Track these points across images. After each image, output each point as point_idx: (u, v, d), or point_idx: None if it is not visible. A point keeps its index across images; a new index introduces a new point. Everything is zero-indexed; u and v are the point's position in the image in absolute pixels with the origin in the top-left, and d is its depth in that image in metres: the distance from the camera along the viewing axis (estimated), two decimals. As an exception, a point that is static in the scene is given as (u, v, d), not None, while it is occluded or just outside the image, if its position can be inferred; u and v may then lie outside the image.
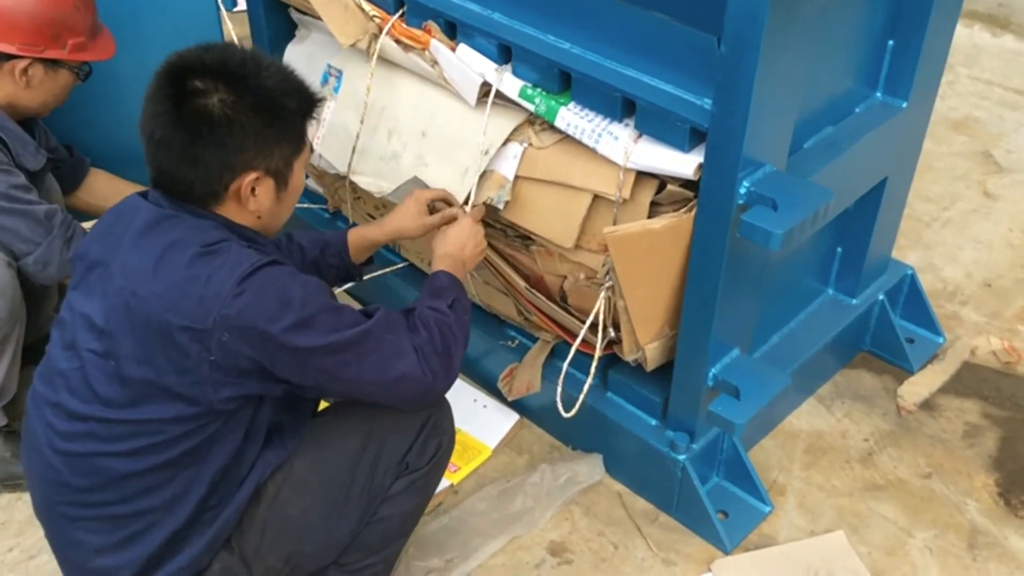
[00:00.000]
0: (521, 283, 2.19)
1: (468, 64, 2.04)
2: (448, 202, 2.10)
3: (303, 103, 1.67)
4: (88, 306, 1.63)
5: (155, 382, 1.57)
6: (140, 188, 2.43)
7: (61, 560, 1.75)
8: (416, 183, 2.16)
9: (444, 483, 2.26)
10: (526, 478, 2.26)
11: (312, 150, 2.04)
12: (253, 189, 1.63)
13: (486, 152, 2.05)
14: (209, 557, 1.69)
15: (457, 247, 1.97)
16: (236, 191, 1.63)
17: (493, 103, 2.04)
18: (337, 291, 2.49)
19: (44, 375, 1.70)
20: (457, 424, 2.39)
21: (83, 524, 1.67)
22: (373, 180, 2.29)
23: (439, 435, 1.84)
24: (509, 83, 2.00)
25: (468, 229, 2.00)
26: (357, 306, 2.44)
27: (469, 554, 2.12)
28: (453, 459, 2.30)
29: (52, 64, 2.25)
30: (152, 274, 1.57)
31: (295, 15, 2.49)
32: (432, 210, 2.09)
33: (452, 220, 2.04)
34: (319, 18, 2.24)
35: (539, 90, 1.97)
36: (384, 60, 2.22)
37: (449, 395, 2.45)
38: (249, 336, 1.54)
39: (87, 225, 2.62)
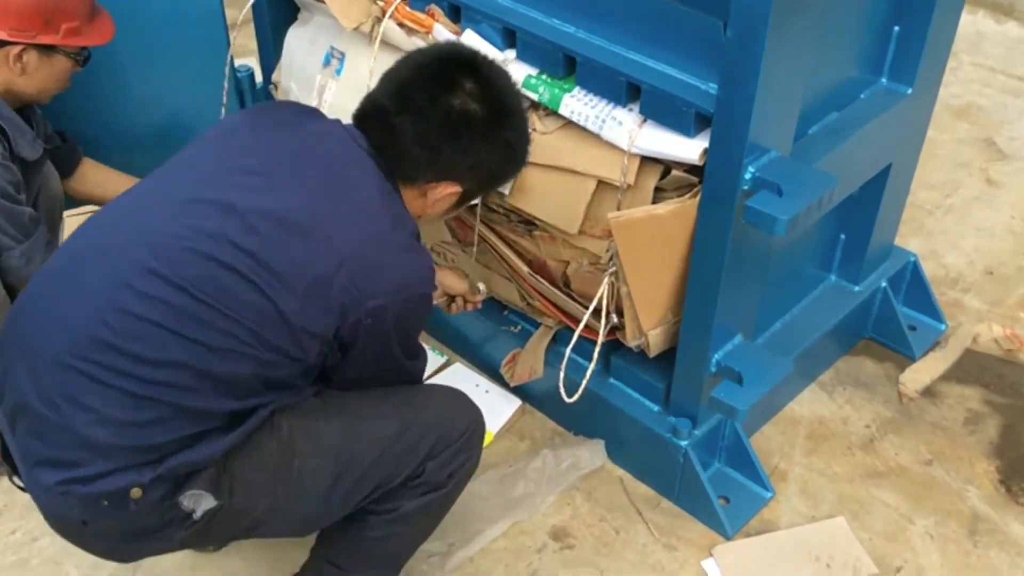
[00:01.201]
0: (524, 268, 2.19)
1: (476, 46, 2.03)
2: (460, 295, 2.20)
3: (520, 165, 1.85)
4: (268, 201, 1.57)
5: (276, 305, 1.53)
6: (131, 179, 2.43)
7: (36, 420, 1.55)
8: None
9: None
10: (528, 463, 2.26)
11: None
12: (439, 199, 1.74)
13: None
14: (204, 465, 1.58)
15: None
16: (431, 190, 1.72)
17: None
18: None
19: (154, 231, 1.57)
20: (459, 409, 2.41)
21: (103, 390, 1.51)
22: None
23: (469, 451, 1.81)
24: (514, 73, 1.99)
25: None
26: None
27: (470, 538, 2.12)
28: (456, 443, 2.32)
29: (47, 50, 2.22)
30: (363, 232, 1.59)
31: (297, -2, 2.48)
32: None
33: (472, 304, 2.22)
34: (322, 0, 2.23)
35: (543, 79, 1.96)
36: (387, 43, 2.21)
37: (451, 380, 2.47)
38: (381, 334, 1.62)
39: (83, 213, 2.63)
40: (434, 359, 2.56)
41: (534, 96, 1.97)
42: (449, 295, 2.19)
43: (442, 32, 2.07)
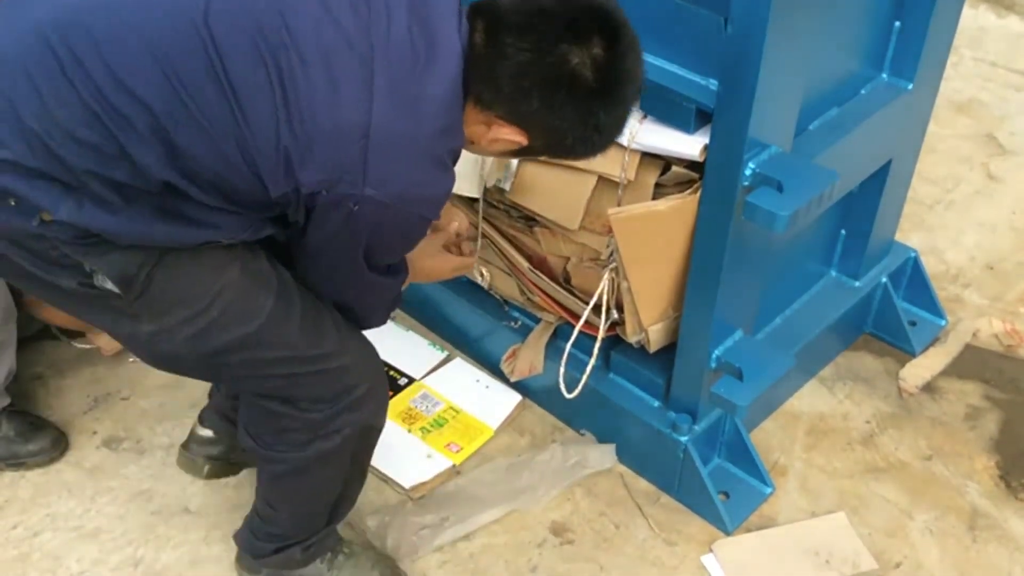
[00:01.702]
0: (524, 263, 2.19)
1: None
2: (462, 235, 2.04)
3: (594, 150, 1.63)
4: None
5: (278, 121, 1.39)
6: None
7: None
8: None
9: (446, 463, 2.27)
10: (536, 455, 2.27)
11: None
12: (496, 139, 1.55)
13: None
14: (121, 242, 1.48)
15: (424, 271, 1.91)
16: (498, 126, 1.53)
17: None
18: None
19: None
20: (459, 404, 2.42)
21: (64, 86, 1.37)
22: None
23: (358, 410, 1.73)
24: None
25: (451, 265, 1.98)
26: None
27: (465, 517, 2.14)
28: (456, 439, 2.32)
29: None
30: (406, 120, 1.43)
31: None
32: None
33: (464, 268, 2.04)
34: None
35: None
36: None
37: (451, 374, 2.48)
38: (356, 230, 1.47)
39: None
40: (434, 354, 2.56)
41: None
42: (445, 231, 2.01)
43: None
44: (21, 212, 1.43)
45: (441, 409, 2.41)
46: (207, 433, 2.15)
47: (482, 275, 2.28)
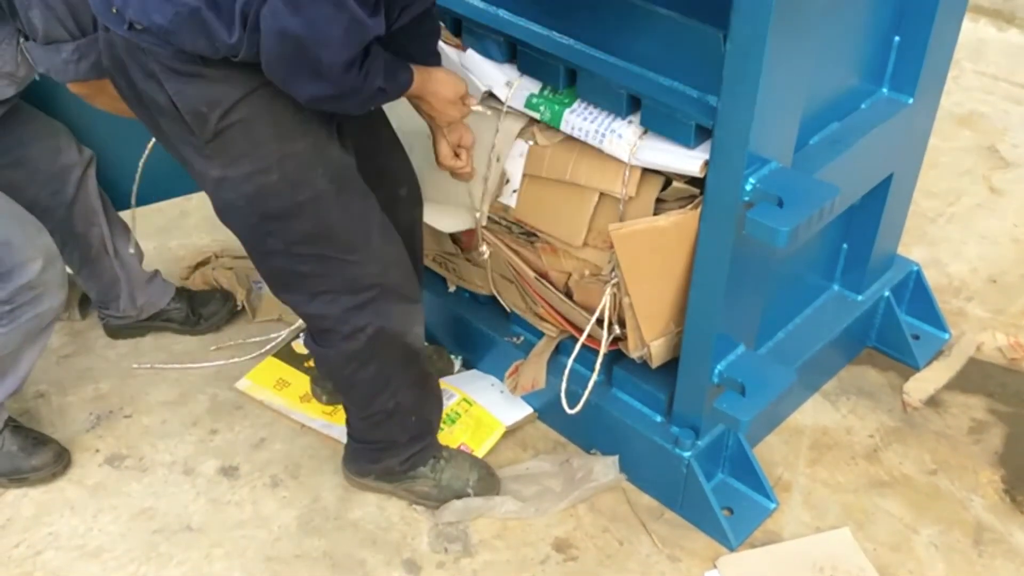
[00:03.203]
0: (530, 273, 2.19)
1: (475, 73, 2.04)
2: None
3: None
4: None
5: None
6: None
7: None
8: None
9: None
10: (541, 466, 2.31)
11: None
12: None
13: (498, 159, 2.06)
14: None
15: (442, 82, 1.88)
16: None
17: (496, 106, 2.04)
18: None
19: None
20: (473, 398, 2.42)
21: None
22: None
23: (383, 316, 1.92)
24: (517, 96, 2.01)
25: (460, 86, 1.91)
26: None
27: (468, 503, 2.19)
28: (467, 438, 2.33)
29: None
30: None
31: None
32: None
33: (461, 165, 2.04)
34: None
35: (544, 95, 1.97)
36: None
37: (468, 380, 2.50)
38: None
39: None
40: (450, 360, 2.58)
41: (536, 115, 1.98)
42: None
43: (443, 46, 2.07)
44: (118, 20, 1.63)
45: (455, 402, 2.42)
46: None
47: (482, 252, 2.25)
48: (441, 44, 2.07)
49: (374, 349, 1.96)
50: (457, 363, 2.56)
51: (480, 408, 2.41)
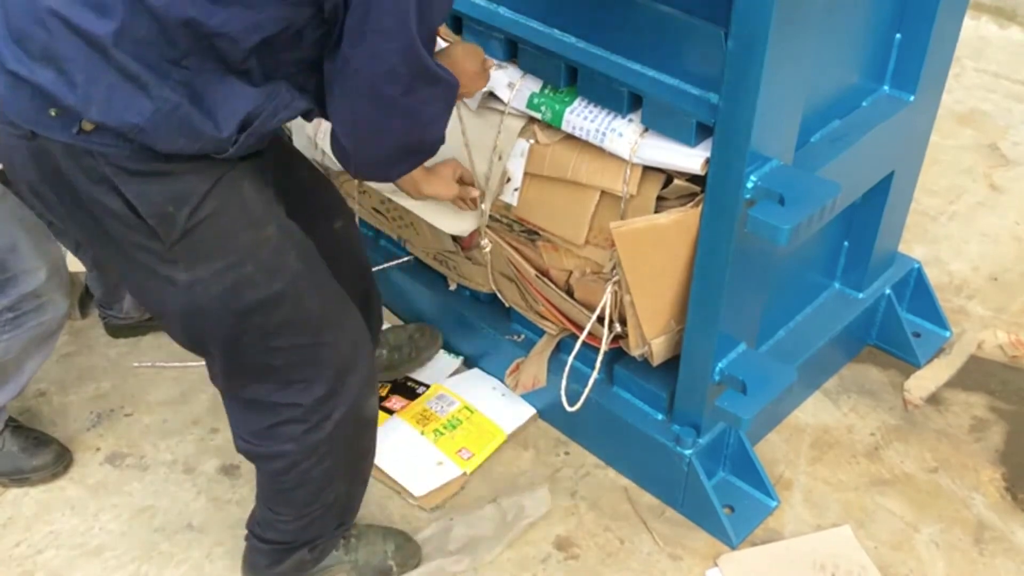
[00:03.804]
0: (531, 271, 2.19)
1: None
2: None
3: None
4: None
5: None
6: None
7: None
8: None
9: (457, 471, 2.27)
10: (472, 511, 2.22)
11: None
12: None
13: (499, 158, 2.05)
14: (171, 144, 1.45)
15: (463, 58, 1.82)
16: None
17: (498, 107, 2.04)
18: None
19: None
20: (473, 405, 2.41)
21: None
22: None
23: (344, 396, 1.75)
24: (518, 97, 2.00)
25: (479, 55, 1.87)
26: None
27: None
28: (468, 444, 2.32)
29: None
30: None
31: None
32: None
33: (471, 200, 2.07)
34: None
35: (545, 94, 1.97)
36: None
37: (470, 380, 2.48)
38: None
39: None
40: (450, 361, 2.57)
41: (537, 115, 1.98)
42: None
43: (442, 44, 2.07)
44: (64, 123, 1.42)
45: (456, 409, 2.41)
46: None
47: (483, 245, 2.25)
48: (441, 43, 2.07)
49: (335, 436, 1.78)
50: (457, 362, 2.56)
51: (481, 416, 2.40)
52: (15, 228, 2.04)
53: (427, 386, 2.49)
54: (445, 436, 2.35)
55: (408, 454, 2.31)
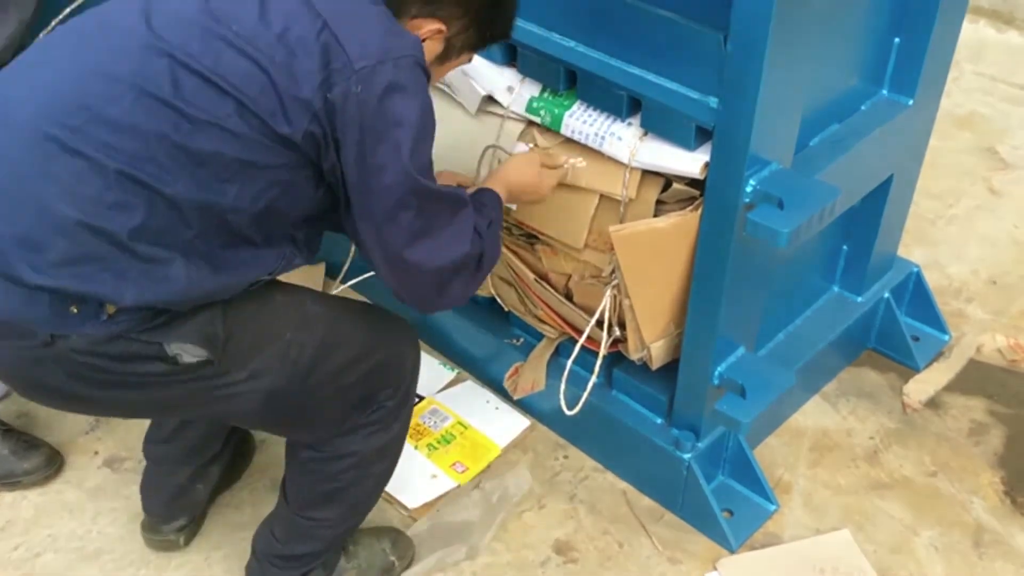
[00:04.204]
0: (530, 275, 2.19)
1: (475, 77, 2.04)
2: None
3: (510, 22, 1.74)
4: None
5: (258, 63, 1.46)
6: None
7: (3, 195, 1.44)
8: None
9: (451, 484, 2.27)
10: (458, 499, 2.23)
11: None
12: (424, 40, 1.62)
13: (499, 161, 2.06)
14: (187, 305, 1.53)
15: (517, 172, 1.91)
16: (416, 28, 1.63)
17: (497, 112, 2.04)
18: (343, 287, 2.49)
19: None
20: (467, 420, 2.41)
21: (73, 159, 1.42)
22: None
23: (407, 392, 1.85)
24: (517, 100, 2.01)
25: (534, 161, 1.94)
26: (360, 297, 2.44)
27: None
28: (462, 458, 2.32)
29: None
30: (352, 13, 1.52)
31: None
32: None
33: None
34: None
35: (544, 98, 1.97)
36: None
37: (462, 395, 2.47)
38: (376, 115, 1.48)
39: None
40: (444, 373, 2.56)
41: (536, 119, 1.98)
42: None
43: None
44: (86, 315, 1.46)
45: (449, 424, 2.41)
46: (179, 523, 2.13)
47: None
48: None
49: (400, 436, 1.88)
50: (452, 375, 2.56)
51: (475, 431, 2.39)
52: None
53: (420, 398, 2.48)
54: (439, 451, 2.34)
55: (401, 466, 2.27)
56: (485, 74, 2.04)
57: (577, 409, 2.15)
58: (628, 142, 1.86)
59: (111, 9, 1.55)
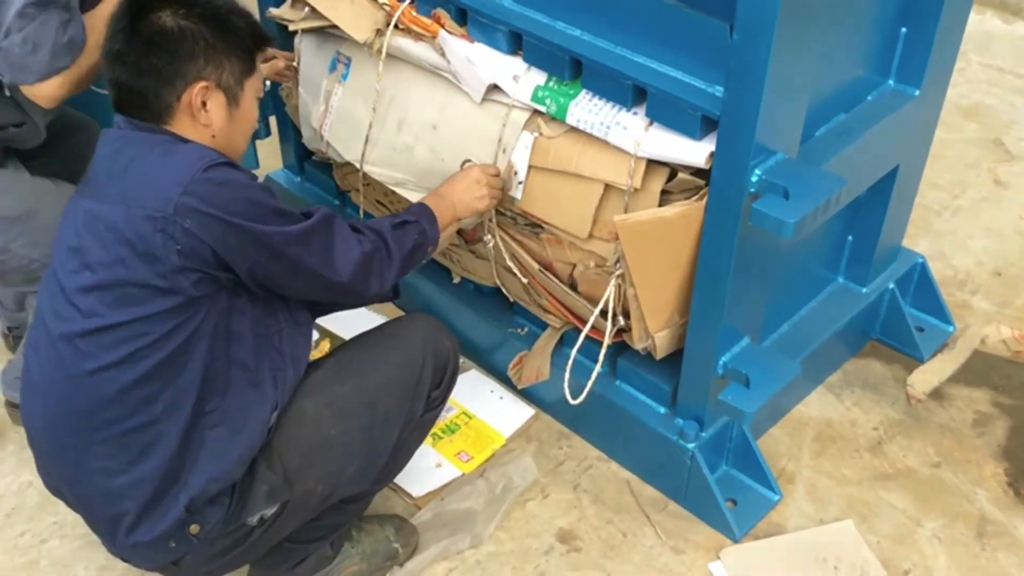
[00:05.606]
0: (534, 265, 2.19)
1: (481, 66, 2.03)
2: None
3: (252, 26, 1.77)
4: (65, 235, 1.70)
5: (130, 280, 1.60)
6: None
7: (79, 498, 1.75)
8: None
9: (455, 473, 2.27)
10: (462, 487, 2.25)
11: (266, 86, 2.02)
12: (204, 103, 1.68)
13: (504, 151, 2.06)
14: (241, 470, 1.71)
15: (450, 187, 2.04)
16: (188, 104, 1.67)
17: (502, 100, 2.04)
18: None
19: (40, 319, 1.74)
20: (471, 410, 2.42)
21: (93, 450, 1.67)
22: (385, 171, 2.29)
23: (455, 372, 2.00)
24: (523, 90, 2.00)
25: (472, 175, 2.04)
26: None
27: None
28: (467, 447, 2.32)
29: None
30: (117, 179, 1.64)
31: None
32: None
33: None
34: (332, 26, 2.23)
35: (549, 87, 1.97)
36: (394, 48, 2.21)
37: (467, 385, 2.48)
38: (211, 224, 1.58)
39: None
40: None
41: (542, 108, 1.98)
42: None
43: (448, 37, 2.07)
44: (180, 542, 1.71)
45: (454, 414, 2.41)
46: None
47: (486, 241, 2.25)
48: (445, 35, 2.06)
49: (437, 414, 2.03)
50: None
51: (479, 421, 2.40)
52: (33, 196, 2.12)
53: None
54: (443, 440, 2.35)
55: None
56: (490, 63, 2.04)
57: (581, 399, 2.15)
58: (633, 131, 1.86)
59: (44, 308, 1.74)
